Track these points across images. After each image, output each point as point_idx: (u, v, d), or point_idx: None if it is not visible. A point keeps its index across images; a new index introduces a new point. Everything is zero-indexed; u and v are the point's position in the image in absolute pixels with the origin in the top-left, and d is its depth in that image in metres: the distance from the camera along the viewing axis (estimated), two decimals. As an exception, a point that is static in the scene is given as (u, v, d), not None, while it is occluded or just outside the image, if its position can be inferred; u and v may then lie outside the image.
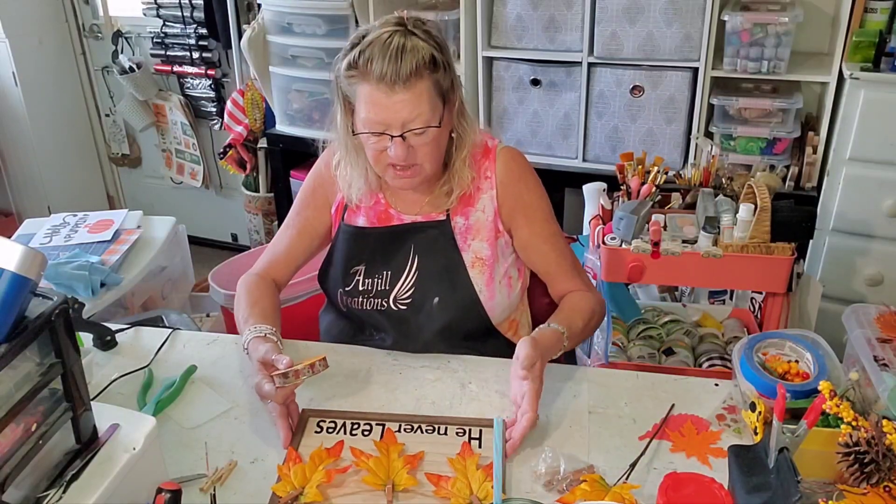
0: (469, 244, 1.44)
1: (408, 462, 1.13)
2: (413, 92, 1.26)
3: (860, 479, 0.99)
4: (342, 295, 1.48)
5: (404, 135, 1.29)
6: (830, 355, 1.25)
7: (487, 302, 1.44)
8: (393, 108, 1.26)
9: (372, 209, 1.48)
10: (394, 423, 1.23)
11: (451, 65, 1.33)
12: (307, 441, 1.20)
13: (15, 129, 3.50)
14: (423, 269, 1.44)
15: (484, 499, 1.07)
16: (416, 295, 1.44)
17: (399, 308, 1.44)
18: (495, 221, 1.45)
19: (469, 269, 1.43)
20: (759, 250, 1.59)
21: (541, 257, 1.48)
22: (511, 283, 1.48)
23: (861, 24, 2.24)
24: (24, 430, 0.90)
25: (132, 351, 1.47)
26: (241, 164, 3.27)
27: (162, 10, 3.28)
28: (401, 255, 1.45)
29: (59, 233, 2.03)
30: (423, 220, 1.45)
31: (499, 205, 1.45)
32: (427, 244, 1.45)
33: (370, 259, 1.46)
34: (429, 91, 1.28)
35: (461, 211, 1.45)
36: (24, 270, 0.87)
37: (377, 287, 1.45)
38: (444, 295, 1.43)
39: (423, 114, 1.28)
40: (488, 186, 1.45)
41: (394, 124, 1.28)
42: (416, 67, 1.25)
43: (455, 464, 1.13)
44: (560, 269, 1.49)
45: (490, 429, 1.21)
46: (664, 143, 2.48)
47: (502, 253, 1.47)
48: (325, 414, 1.26)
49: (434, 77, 1.28)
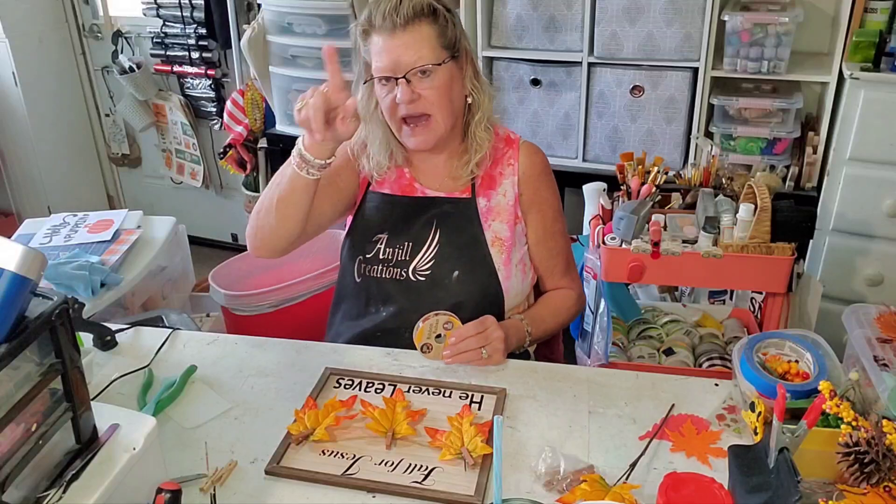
0: (490, 224, 1.50)
1: (410, 415, 1.23)
2: (413, 35, 1.37)
3: (860, 479, 0.99)
4: (360, 262, 1.51)
5: (408, 77, 1.38)
6: (830, 355, 1.25)
7: (504, 281, 1.48)
8: (396, 50, 1.37)
9: (396, 182, 1.54)
10: (404, 385, 1.33)
11: (457, 24, 1.44)
12: (325, 394, 1.32)
13: (15, 129, 3.50)
14: (445, 242, 1.49)
15: (473, 451, 1.15)
16: (435, 268, 1.48)
17: (417, 279, 1.47)
18: (515, 207, 1.51)
19: (490, 247, 1.48)
20: (760, 250, 1.59)
21: (544, 253, 1.56)
22: (525, 269, 1.54)
23: (861, 24, 2.24)
24: (24, 430, 0.90)
25: (132, 351, 1.47)
26: (241, 164, 3.27)
27: (162, 10, 3.28)
28: (423, 227, 1.50)
29: (59, 233, 2.03)
30: (447, 195, 1.52)
31: (519, 192, 1.52)
32: (450, 219, 1.50)
33: (392, 228, 1.51)
34: (430, 36, 1.39)
35: (484, 192, 1.52)
36: (24, 270, 0.87)
37: (398, 257, 1.49)
38: (464, 269, 1.47)
39: (424, 56, 1.38)
40: (511, 173, 1.52)
41: (398, 67, 1.38)
42: (415, 12, 1.37)
43: (453, 421, 1.22)
44: (556, 268, 1.58)
45: (491, 396, 1.30)
46: (664, 143, 2.48)
47: (519, 239, 1.53)
48: (344, 373, 1.37)
49: (436, 27, 1.39)
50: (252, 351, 1.46)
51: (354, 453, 1.17)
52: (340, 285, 1.60)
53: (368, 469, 1.14)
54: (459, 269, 1.47)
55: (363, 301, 1.53)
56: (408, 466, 1.15)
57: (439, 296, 1.46)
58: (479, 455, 1.14)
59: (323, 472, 1.13)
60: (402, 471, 1.14)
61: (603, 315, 1.70)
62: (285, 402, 1.30)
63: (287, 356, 1.44)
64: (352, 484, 1.12)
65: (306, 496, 1.11)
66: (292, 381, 1.36)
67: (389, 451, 1.18)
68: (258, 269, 2.34)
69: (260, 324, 2.13)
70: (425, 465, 1.15)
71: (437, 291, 1.47)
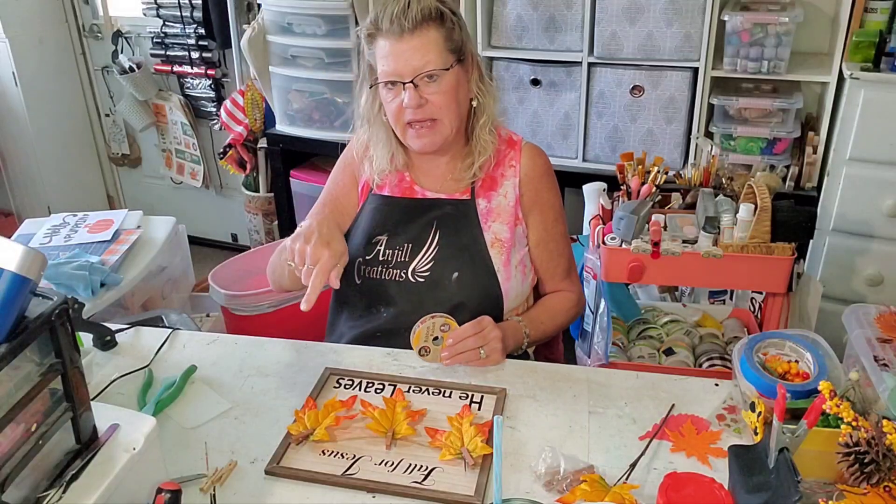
0: (490, 225, 1.50)
1: (410, 416, 1.24)
2: (421, 39, 1.37)
3: (860, 479, 0.99)
4: (360, 264, 1.51)
5: (415, 81, 1.38)
6: (830, 355, 1.25)
7: (504, 283, 1.48)
8: (403, 55, 1.37)
9: (397, 185, 1.55)
10: (404, 385, 1.33)
11: (463, 27, 1.43)
12: (325, 394, 1.32)
13: (15, 129, 3.50)
14: (444, 243, 1.49)
15: (473, 451, 1.15)
16: (434, 269, 1.48)
17: (417, 280, 1.47)
18: (516, 208, 1.51)
19: (489, 248, 1.48)
20: (760, 250, 1.59)
21: (545, 255, 1.56)
22: (525, 271, 1.54)
23: (861, 24, 2.24)
24: (24, 430, 0.90)
25: (132, 351, 1.47)
26: (241, 164, 3.27)
27: (162, 10, 3.28)
28: (423, 229, 1.50)
29: (58, 233, 2.03)
30: (447, 197, 1.52)
31: (520, 194, 1.52)
32: (449, 220, 1.50)
33: (392, 230, 1.51)
34: (437, 41, 1.38)
35: (484, 194, 1.52)
36: (24, 270, 0.87)
37: (397, 258, 1.49)
38: (464, 270, 1.47)
39: (431, 60, 1.37)
40: (512, 174, 1.52)
41: (405, 72, 1.38)
42: (423, 16, 1.36)
43: (453, 421, 1.22)
44: (556, 270, 1.58)
45: (491, 396, 1.29)
46: (664, 143, 2.48)
47: (519, 240, 1.52)
48: (344, 373, 1.37)
49: (443, 31, 1.38)
50: (252, 351, 1.46)
51: (354, 453, 1.18)
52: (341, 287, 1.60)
53: (368, 469, 1.14)
54: (459, 271, 1.47)
55: (364, 303, 1.53)
56: (408, 466, 1.15)
57: (439, 297, 1.46)
58: (479, 455, 1.15)
59: (323, 472, 1.13)
60: (402, 471, 1.14)
61: (603, 315, 1.71)
62: (285, 402, 1.30)
63: (287, 356, 1.44)
64: (352, 484, 1.12)
65: (306, 496, 1.11)
66: (292, 381, 1.36)
67: (389, 452, 1.18)
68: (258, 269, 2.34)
69: (260, 324, 2.13)
70: (425, 466, 1.15)
71: (436, 292, 1.47)
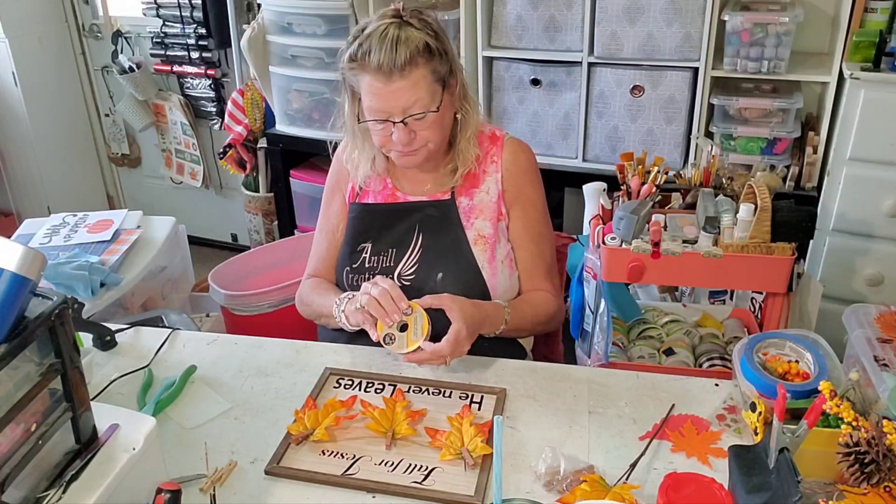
0: (472, 223, 1.50)
1: (409, 416, 1.24)
2: (410, 80, 1.34)
3: (860, 479, 0.99)
4: (348, 273, 1.52)
5: (405, 120, 1.37)
6: (830, 355, 1.25)
7: (490, 279, 1.48)
8: (392, 96, 1.35)
9: (380, 193, 1.55)
10: (404, 385, 1.34)
11: (449, 51, 1.40)
12: (325, 394, 1.33)
13: (15, 129, 3.50)
14: (428, 245, 1.49)
15: (473, 451, 1.16)
16: (419, 271, 1.48)
17: (403, 284, 1.47)
18: (499, 204, 1.51)
19: (472, 246, 1.48)
20: (760, 250, 1.59)
21: (524, 253, 1.54)
22: (511, 266, 1.53)
23: (861, 24, 2.24)
24: (24, 430, 0.90)
25: (132, 351, 1.47)
26: (241, 164, 3.27)
27: (161, 10, 3.28)
28: (406, 233, 1.51)
29: (58, 233, 2.03)
30: (428, 199, 1.52)
31: (503, 189, 1.51)
32: (431, 222, 1.50)
33: (376, 237, 1.52)
34: (426, 78, 1.35)
35: (465, 192, 1.51)
36: (24, 270, 0.87)
37: (382, 263, 1.50)
38: (448, 270, 1.47)
39: (421, 99, 1.36)
40: (494, 170, 1.52)
41: (394, 111, 1.36)
42: (411, 56, 1.33)
43: (453, 421, 1.23)
44: (537, 270, 1.55)
45: (491, 396, 1.30)
46: (664, 143, 2.48)
47: (503, 235, 1.52)
48: (344, 373, 1.38)
49: (430, 65, 1.36)
50: (252, 351, 1.46)
51: (354, 453, 1.18)
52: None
53: (368, 469, 1.15)
54: (443, 271, 1.47)
55: None
56: (408, 467, 1.15)
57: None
58: (479, 455, 1.15)
59: (323, 473, 1.14)
60: (402, 471, 1.14)
61: (603, 315, 1.70)
62: (285, 402, 1.30)
63: (287, 356, 1.44)
64: (352, 484, 1.12)
65: (306, 496, 1.11)
66: (292, 381, 1.36)
67: (389, 452, 1.18)
68: (258, 269, 2.35)
69: (260, 324, 2.13)
70: (425, 466, 1.15)
71: (423, 294, 1.43)
